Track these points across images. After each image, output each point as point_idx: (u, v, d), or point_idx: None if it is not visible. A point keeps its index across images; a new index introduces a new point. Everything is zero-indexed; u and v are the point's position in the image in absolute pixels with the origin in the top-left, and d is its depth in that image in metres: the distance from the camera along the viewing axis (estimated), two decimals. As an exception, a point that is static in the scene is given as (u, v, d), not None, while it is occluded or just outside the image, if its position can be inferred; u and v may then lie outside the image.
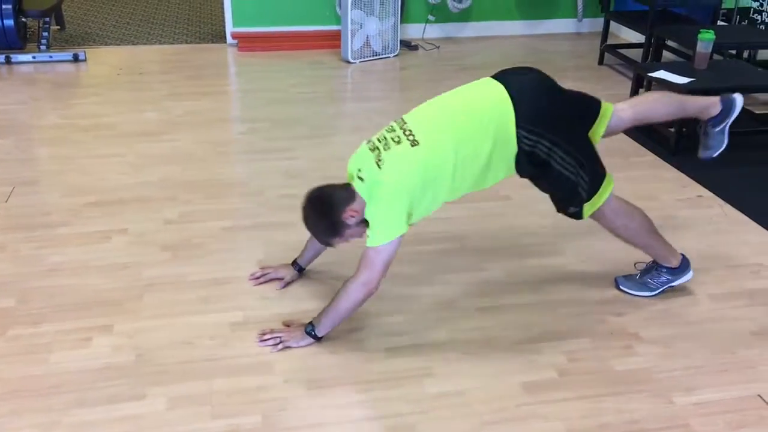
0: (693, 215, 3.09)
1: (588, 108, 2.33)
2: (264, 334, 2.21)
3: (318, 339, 2.19)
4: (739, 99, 2.46)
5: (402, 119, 2.18)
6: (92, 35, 5.91)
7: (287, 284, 2.50)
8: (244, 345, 2.21)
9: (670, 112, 2.51)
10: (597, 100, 2.35)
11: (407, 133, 2.11)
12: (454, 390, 2.05)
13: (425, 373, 2.11)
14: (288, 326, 2.26)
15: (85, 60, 5.16)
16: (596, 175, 2.23)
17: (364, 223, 2.13)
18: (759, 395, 2.05)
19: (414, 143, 2.07)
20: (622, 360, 2.18)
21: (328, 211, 2.13)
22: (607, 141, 3.74)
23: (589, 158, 2.21)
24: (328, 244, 2.27)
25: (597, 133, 2.30)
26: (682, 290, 2.52)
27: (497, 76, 2.22)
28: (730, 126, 2.49)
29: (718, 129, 2.50)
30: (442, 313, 2.40)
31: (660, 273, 2.47)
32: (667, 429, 1.92)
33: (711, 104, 2.47)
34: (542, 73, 2.26)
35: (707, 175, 3.45)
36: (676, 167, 3.55)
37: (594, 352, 2.21)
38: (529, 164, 2.16)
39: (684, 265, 2.48)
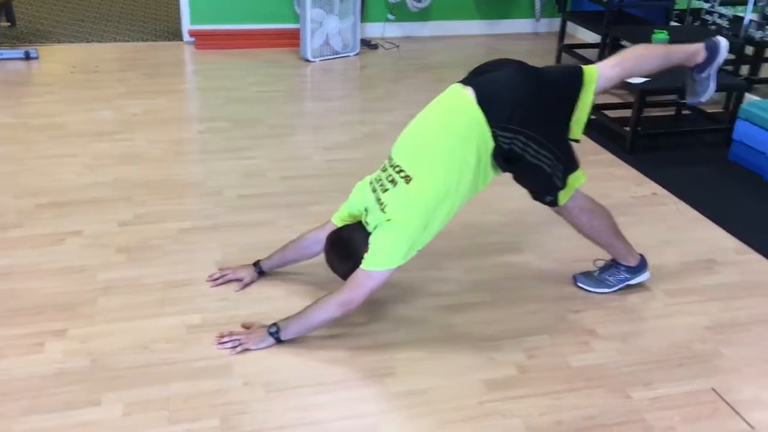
0: (647, 212, 3.14)
1: (568, 86, 2.29)
2: (222, 336, 2.19)
3: (279, 341, 2.16)
4: (723, 42, 2.46)
5: (390, 157, 2.22)
6: (44, 32, 5.76)
7: (246, 285, 2.47)
8: (202, 348, 2.18)
9: (657, 63, 2.47)
10: (578, 70, 2.30)
11: (398, 170, 2.14)
12: (416, 389, 2.05)
13: (387, 373, 2.11)
14: (247, 328, 2.23)
15: (37, 58, 5.02)
16: (571, 164, 2.27)
17: None
18: (713, 389, 2.09)
19: (407, 179, 2.11)
20: (579, 356, 2.21)
21: (350, 255, 2.17)
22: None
23: (564, 150, 2.24)
24: None
25: (586, 99, 2.27)
26: (638, 286, 2.56)
27: (469, 78, 2.24)
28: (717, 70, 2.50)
29: (704, 74, 2.50)
30: (403, 312, 2.40)
31: (618, 271, 2.51)
32: (623, 424, 1.95)
33: (696, 51, 2.47)
34: (517, 66, 2.27)
35: (661, 173, 3.52)
36: (631, 165, 3.61)
37: (552, 348, 2.24)
38: (504, 161, 2.18)
39: (642, 265, 2.52)
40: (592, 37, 5.55)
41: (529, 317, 2.39)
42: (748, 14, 4.34)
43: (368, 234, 2.16)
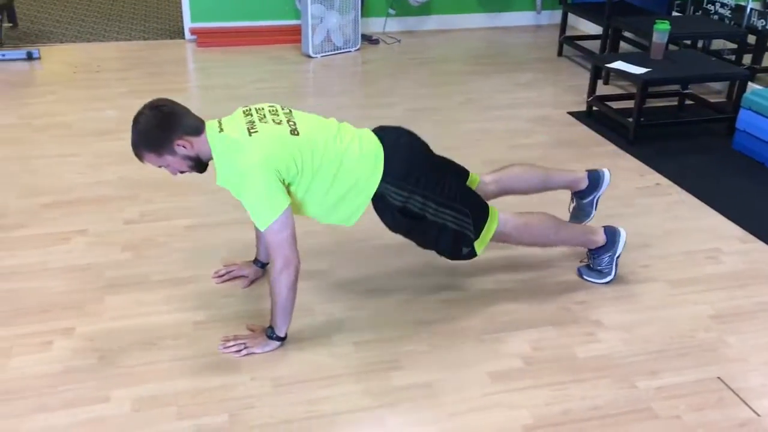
0: (651, 203, 3.14)
1: (459, 169, 2.40)
2: (227, 340, 2.18)
3: (282, 340, 2.17)
4: (607, 175, 2.58)
5: (290, 110, 2.19)
6: (46, 33, 5.77)
7: (251, 282, 2.48)
8: (209, 344, 2.19)
9: (534, 186, 2.55)
10: (465, 169, 2.42)
11: (291, 122, 2.11)
12: (421, 382, 2.06)
13: (392, 366, 2.12)
14: (252, 330, 2.23)
15: (39, 58, 5.04)
16: (479, 214, 2.27)
17: (188, 161, 2.10)
18: (719, 377, 2.10)
19: (294, 132, 2.08)
20: (585, 347, 2.21)
21: (166, 125, 2.04)
22: (565, 132, 3.79)
23: (468, 203, 2.25)
24: (140, 156, 2.11)
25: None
26: (643, 277, 2.57)
27: (375, 131, 2.27)
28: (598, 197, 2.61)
29: (586, 201, 2.61)
30: (408, 306, 2.41)
31: (598, 256, 2.51)
32: (630, 413, 1.96)
33: (578, 179, 2.58)
34: (414, 134, 2.33)
35: (665, 163, 3.51)
36: (634, 156, 3.61)
37: (557, 340, 2.24)
38: (403, 218, 2.19)
39: (610, 234, 2.48)
40: (594, 29, 5.53)
41: (534, 309, 2.40)
42: (750, 3, 4.32)
43: (200, 129, 2.08)
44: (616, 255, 2.49)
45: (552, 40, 5.63)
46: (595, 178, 2.58)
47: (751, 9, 4.31)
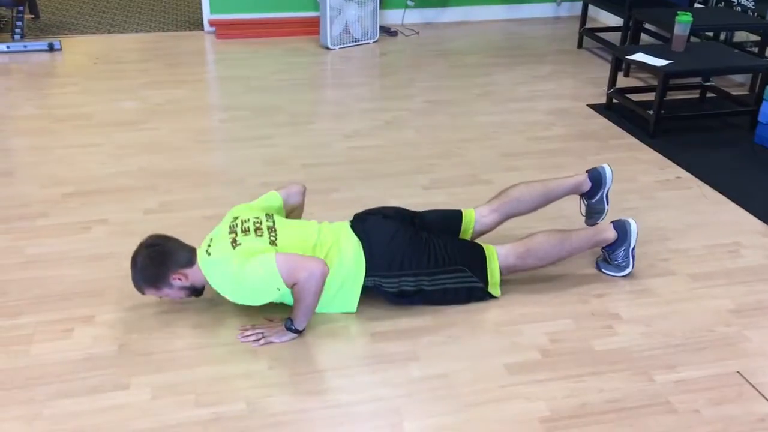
0: (672, 196, 3.12)
1: (447, 223, 2.44)
2: (246, 329, 2.20)
3: (299, 332, 2.18)
4: (607, 171, 2.56)
5: (273, 218, 2.27)
6: (67, 24, 5.82)
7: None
8: (228, 333, 2.21)
9: (537, 202, 2.55)
10: (457, 213, 2.45)
11: (272, 232, 2.19)
12: (438, 373, 2.06)
13: (410, 357, 2.12)
14: (270, 320, 2.25)
15: (60, 49, 5.08)
16: (476, 263, 2.31)
17: (185, 291, 2.20)
18: (738, 372, 2.08)
19: (273, 243, 2.15)
20: (603, 340, 2.21)
21: (160, 264, 2.16)
22: (584, 125, 3.76)
23: (460, 260, 2.29)
24: (140, 290, 2.23)
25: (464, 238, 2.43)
26: (663, 270, 2.55)
27: (354, 223, 2.33)
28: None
29: (594, 200, 2.60)
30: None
31: (613, 251, 2.49)
32: (648, 407, 1.95)
33: (579, 183, 2.58)
34: (392, 214, 2.37)
35: (685, 156, 3.48)
36: (654, 149, 3.57)
37: (576, 332, 2.24)
38: (404, 299, 2.25)
39: (621, 228, 2.46)
40: (615, 21, 5.48)
41: (553, 302, 2.39)
42: (774, -6, 4.26)
43: (192, 260, 2.17)
44: (631, 247, 2.47)
45: (572, 31, 5.59)
46: (596, 177, 2.57)
47: (776, 0, 4.25)
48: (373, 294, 2.26)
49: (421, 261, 2.25)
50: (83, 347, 2.14)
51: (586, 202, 2.64)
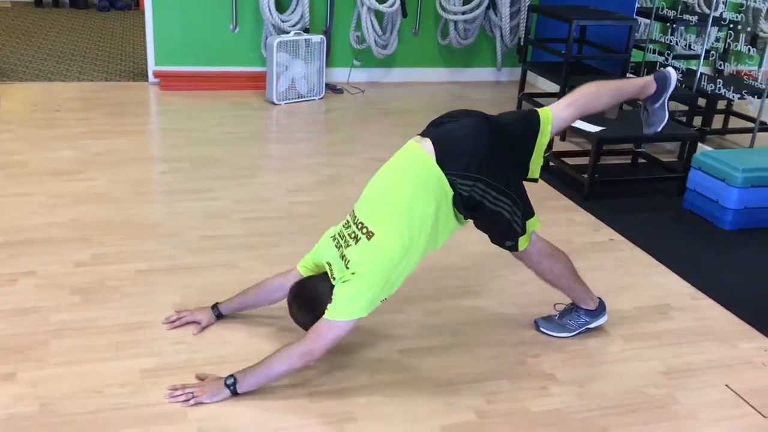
0: (605, 258, 3.20)
1: (525, 132, 2.34)
2: (175, 389, 2.12)
3: (235, 394, 2.12)
4: (672, 74, 2.55)
5: (353, 212, 2.24)
6: (6, 70, 5.71)
7: (203, 329, 2.44)
8: (157, 393, 2.13)
9: (610, 99, 2.55)
10: (534, 115, 2.36)
11: (360, 227, 2.16)
12: (373, 435, 2.03)
13: (347, 418, 2.08)
14: (202, 379, 2.18)
15: (-3, 95, 4.97)
16: (528, 210, 2.32)
17: None
18: (668, 434, 2.11)
19: (369, 235, 2.12)
20: (538, 401, 2.21)
21: (314, 307, 2.16)
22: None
23: (522, 197, 2.29)
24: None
25: (543, 141, 2.33)
26: (596, 331, 2.59)
27: (428, 130, 2.29)
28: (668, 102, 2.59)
29: (657, 105, 2.57)
30: (363, 356, 2.38)
31: (579, 315, 2.54)
32: (581, 469, 1.95)
33: (646, 84, 2.55)
34: (474, 116, 2.32)
35: (618, 219, 3.59)
36: (589, 211, 3.68)
37: (511, 393, 2.24)
38: (465, 208, 2.21)
39: (601, 308, 2.57)
40: (552, 87, 5.69)
41: (489, 361, 2.40)
42: (701, 68, 4.51)
43: (332, 286, 2.16)
44: (590, 325, 2.56)
45: (512, 96, 5.77)
46: (662, 79, 2.54)
47: (701, 73, 4.50)
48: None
49: (496, 172, 2.18)
50: (2, 407, 2.03)
51: (648, 108, 2.60)
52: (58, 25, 7.91)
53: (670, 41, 4.78)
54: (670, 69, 2.57)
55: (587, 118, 3.98)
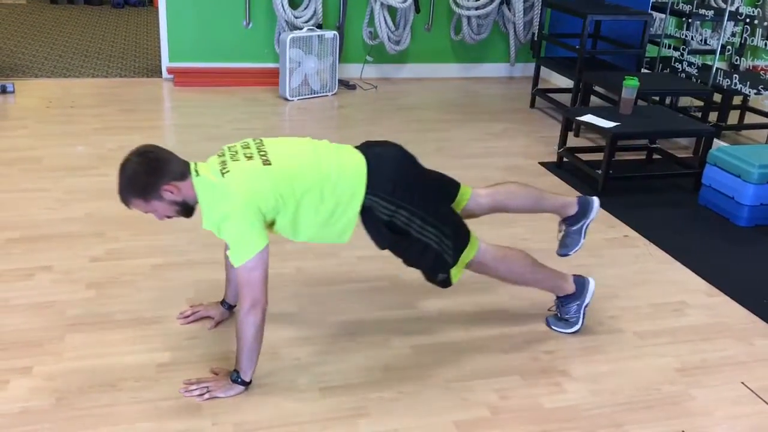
0: (619, 254, 3.18)
1: (447, 186, 2.41)
2: (190, 383, 2.13)
3: (247, 385, 2.12)
4: (596, 203, 2.57)
5: (261, 140, 2.20)
6: (22, 67, 5.75)
7: (217, 324, 2.45)
8: (171, 387, 2.14)
9: (524, 203, 2.56)
10: (456, 182, 2.42)
11: (262, 153, 2.12)
12: (388, 429, 2.03)
13: (359, 413, 2.09)
14: (216, 374, 2.19)
15: (13, 92, 5.01)
16: (460, 240, 2.27)
17: (176, 206, 2.11)
18: (683, 431, 2.10)
19: (266, 162, 2.08)
20: (552, 397, 2.21)
21: (154, 172, 2.05)
22: (536, 182, 3.82)
23: (451, 226, 2.25)
24: (126, 202, 2.11)
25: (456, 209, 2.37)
26: (611, 327, 2.58)
27: (359, 147, 2.27)
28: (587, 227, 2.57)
29: (574, 228, 2.58)
30: (374, 352, 2.38)
31: (566, 304, 2.52)
32: (595, 466, 1.95)
33: (568, 204, 2.56)
34: (403, 148, 2.32)
35: (633, 215, 3.57)
36: (603, 208, 3.65)
37: (525, 389, 2.24)
38: (390, 232, 2.18)
39: (580, 284, 2.50)
40: (565, 82, 5.67)
41: (502, 357, 2.39)
42: (716, 63, 4.47)
43: (185, 174, 2.07)
44: (584, 304, 2.50)
45: (525, 91, 5.75)
46: (584, 204, 2.56)
47: (717, 69, 4.46)
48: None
49: (421, 202, 2.17)
50: (18, 400, 2.05)
51: (565, 229, 2.61)
52: (73, 22, 7.96)
53: (686, 36, 4.75)
54: (595, 198, 2.57)
55: (603, 114, 3.96)
